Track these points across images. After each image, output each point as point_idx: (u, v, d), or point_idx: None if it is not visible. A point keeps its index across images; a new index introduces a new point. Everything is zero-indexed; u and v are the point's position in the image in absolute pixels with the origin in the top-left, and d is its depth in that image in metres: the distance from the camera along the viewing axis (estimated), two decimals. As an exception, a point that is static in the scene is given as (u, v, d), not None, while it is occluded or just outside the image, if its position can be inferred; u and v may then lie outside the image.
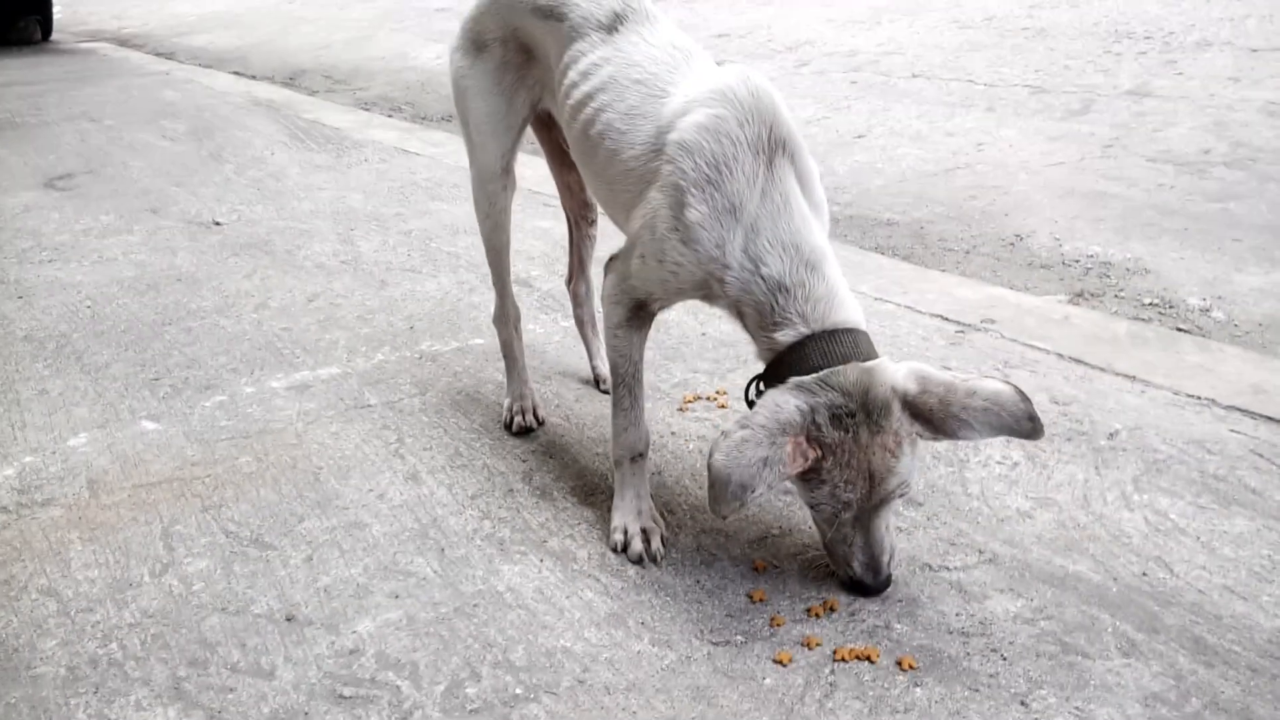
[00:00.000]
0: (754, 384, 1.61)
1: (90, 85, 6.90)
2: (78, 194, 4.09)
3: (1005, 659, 1.41)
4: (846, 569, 1.53)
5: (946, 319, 2.61)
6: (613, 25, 1.68)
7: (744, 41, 7.32)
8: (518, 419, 2.07)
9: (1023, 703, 1.33)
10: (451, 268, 3.11)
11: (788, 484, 1.51)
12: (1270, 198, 3.58)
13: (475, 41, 1.89)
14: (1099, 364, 2.32)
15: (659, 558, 1.65)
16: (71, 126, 5.54)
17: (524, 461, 1.97)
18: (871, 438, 1.42)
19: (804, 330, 1.47)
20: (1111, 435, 2.00)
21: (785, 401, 1.41)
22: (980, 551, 1.66)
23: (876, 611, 1.52)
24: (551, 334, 2.56)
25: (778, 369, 1.49)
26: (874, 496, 1.45)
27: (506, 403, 2.11)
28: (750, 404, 1.56)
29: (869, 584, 1.52)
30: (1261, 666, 1.38)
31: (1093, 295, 3.04)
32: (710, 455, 1.37)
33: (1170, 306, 2.92)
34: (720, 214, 1.46)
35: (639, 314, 1.62)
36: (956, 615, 1.51)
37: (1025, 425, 1.42)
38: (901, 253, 3.49)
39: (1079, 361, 2.34)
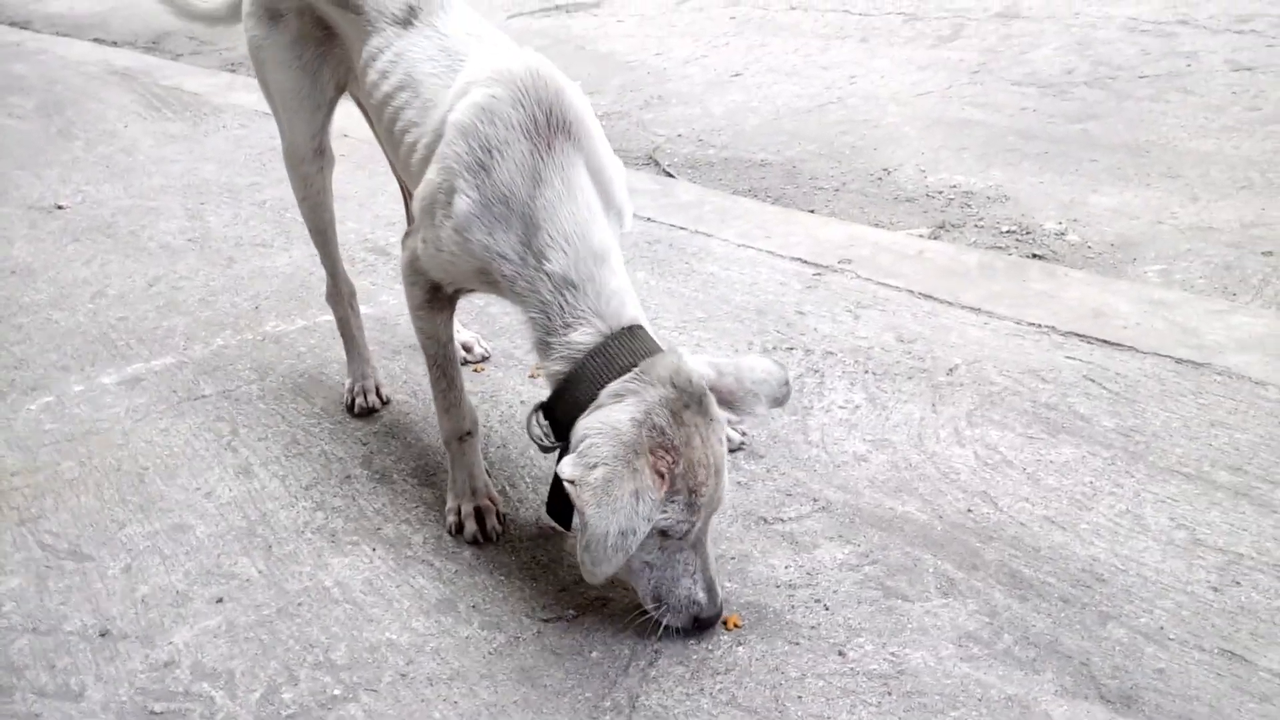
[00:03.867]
0: (535, 414, 1.45)
1: (-72, 61, 6.44)
2: (-93, 183, 3.83)
3: (828, 609, 1.42)
4: (690, 608, 1.36)
5: (806, 262, 2.61)
6: (407, 19, 1.60)
7: (624, -20, 7.15)
8: (359, 400, 2.00)
9: (840, 652, 1.35)
10: (305, 239, 2.96)
11: None
12: (1128, 116, 3.64)
13: (269, 9, 1.78)
14: (947, 298, 2.34)
15: (495, 536, 1.62)
16: (-95, 109, 5.17)
17: (364, 445, 1.91)
18: (708, 429, 1.32)
19: (602, 329, 1.37)
20: (951, 370, 2.02)
21: (617, 419, 1.28)
22: (815, 500, 1.66)
23: (708, 572, 1.51)
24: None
25: (578, 380, 1.36)
26: (717, 497, 1.33)
27: (348, 384, 2.04)
28: (537, 440, 1.44)
29: (711, 615, 1.37)
30: (1072, 596, 1.42)
31: (954, 226, 3.07)
32: (581, 514, 1.23)
33: (1027, 232, 2.96)
34: (492, 203, 1.38)
35: (436, 295, 1.56)
36: (785, 568, 1.52)
37: (786, 390, 1.44)
38: (774, 194, 3.47)
39: (928, 297, 2.36)
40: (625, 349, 1.36)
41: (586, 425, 1.30)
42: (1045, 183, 3.25)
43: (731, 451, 1.79)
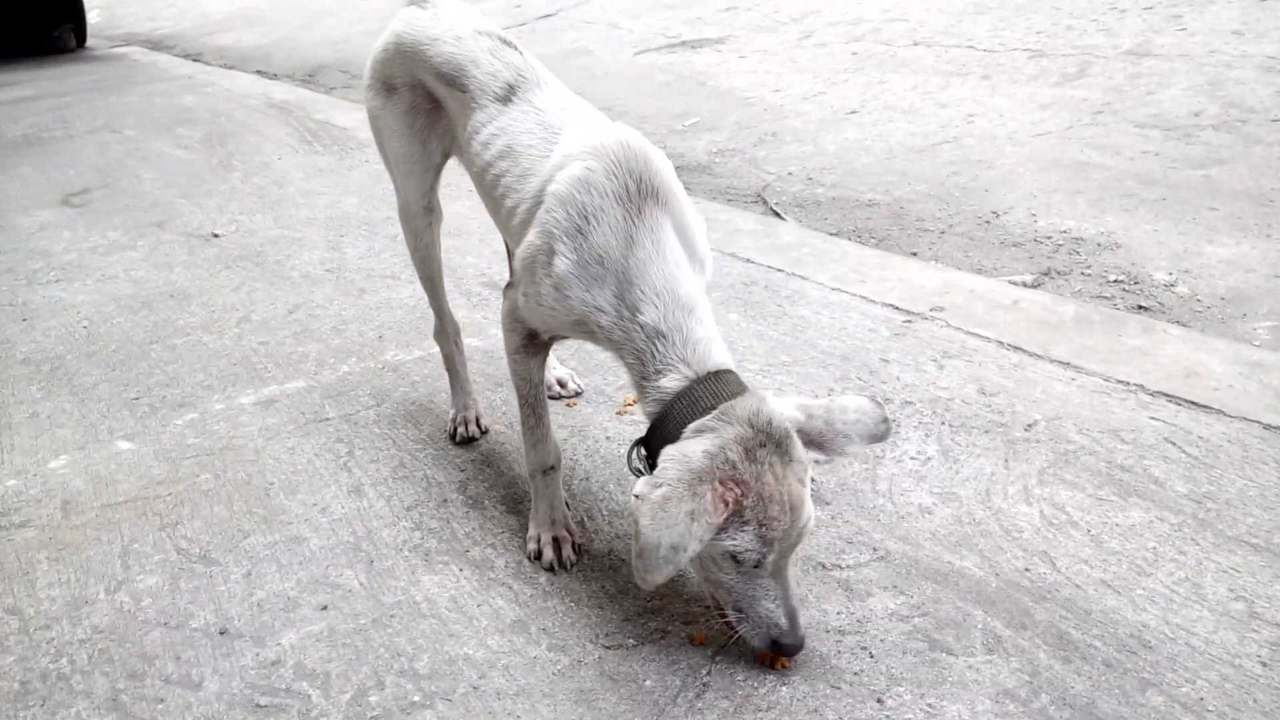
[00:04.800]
0: (635, 449, 1.59)
1: (116, 94, 7.14)
2: (91, 210, 4.29)
3: (873, 656, 1.49)
4: (769, 629, 1.43)
5: (897, 308, 2.66)
6: (507, 96, 1.77)
7: (750, 14, 7.28)
8: (460, 429, 2.18)
9: (879, 699, 1.41)
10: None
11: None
12: (1254, 162, 3.52)
13: (385, 83, 1.99)
14: (1036, 351, 2.35)
15: (570, 565, 1.75)
16: (94, 139, 5.75)
17: (462, 471, 2.08)
18: (785, 468, 1.41)
19: (689, 374, 1.50)
20: (1029, 426, 2.04)
21: (690, 450, 1.39)
22: (874, 549, 1.73)
23: (763, 613, 1.60)
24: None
25: (667, 420, 1.50)
26: (793, 533, 1.42)
27: (451, 414, 2.22)
28: (636, 471, 1.57)
29: (792, 643, 1.45)
30: (1115, 661, 1.44)
31: (1060, 274, 3.05)
32: (637, 524, 1.34)
33: (1135, 282, 2.92)
34: (588, 263, 1.53)
35: (533, 341, 1.71)
36: (837, 614, 1.59)
37: (884, 428, 1.51)
38: (878, 235, 3.52)
39: (1017, 349, 2.37)
40: (709, 391, 1.49)
41: (665, 454, 1.42)
42: (1159, 231, 3.18)
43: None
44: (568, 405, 2.30)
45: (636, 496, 1.36)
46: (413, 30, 1.92)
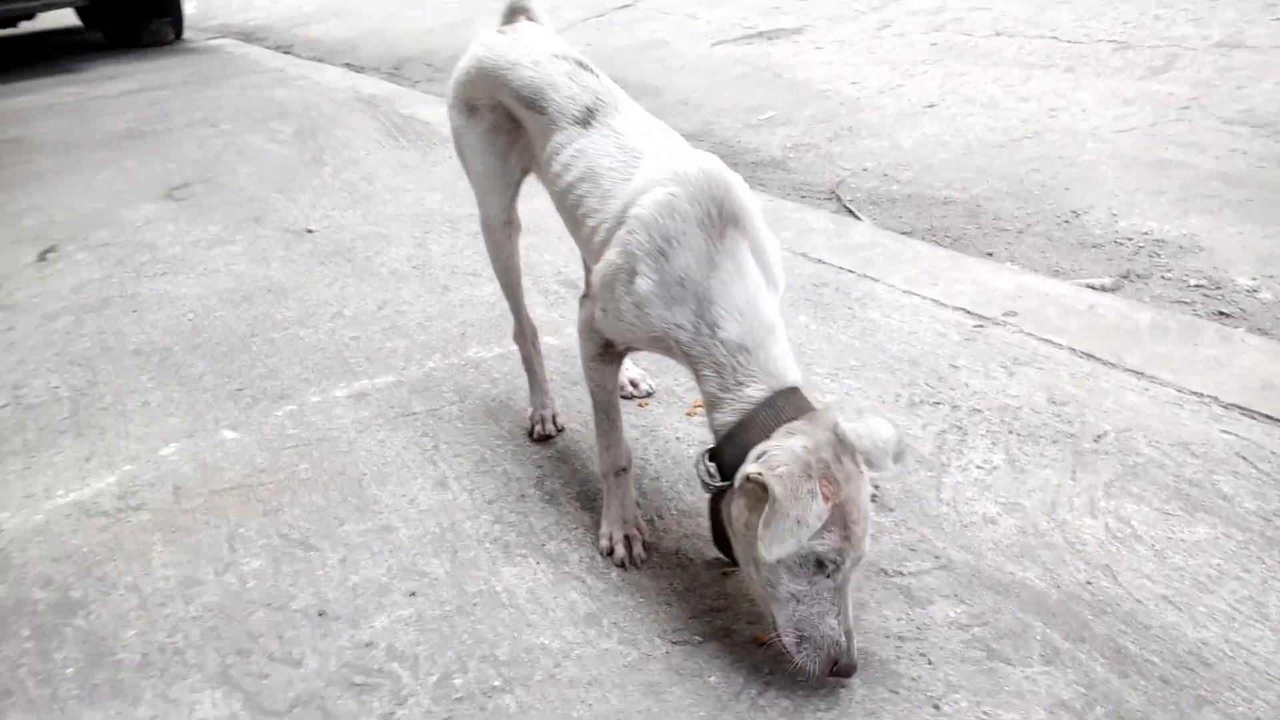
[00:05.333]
0: (704, 458, 1.64)
1: (212, 87, 7.44)
2: (192, 204, 4.52)
3: (931, 663, 1.55)
4: (832, 648, 1.46)
5: (969, 312, 2.68)
6: (586, 119, 1.85)
7: (828, 3, 7.23)
8: (538, 428, 2.29)
9: (935, 705, 1.47)
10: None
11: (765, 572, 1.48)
12: (1351, 161, 3.42)
13: (468, 104, 2.09)
14: (1110, 359, 2.35)
15: (640, 562, 1.84)
16: (192, 133, 6.03)
17: (539, 467, 2.19)
18: (860, 478, 1.49)
19: (774, 385, 1.58)
20: (1099, 437, 2.06)
21: (792, 444, 1.46)
22: (937, 558, 1.78)
23: (826, 615, 1.67)
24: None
25: (748, 426, 1.56)
26: (864, 542, 1.48)
27: (529, 412, 2.33)
28: (706, 485, 1.62)
29: (848, 663, 1.48)
30: (1173, 678, 1.47)
31: (1139, 277, 3.02)
32: (769, 491, 1.40)
33: (1217, 287, 2.88)
34: (669, 284, 1.61)
35: (608, 351, 1.80)
36: (898, 620, 1.65)
37: (903, 448, 1.58)
38: (953, 234, 3.52)
39: (1090, 356, 2.38)
40: (790, 404, 1.57)
41: (764, 446, 1.49)
42: (1245, 233, 3.12)
43: (866, 501, 1.92)
44: (639, 405, 2.38)
45: (756, 475, 1.42)
46: (493, 55, 2.01)
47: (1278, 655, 1.49)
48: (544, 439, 2.29)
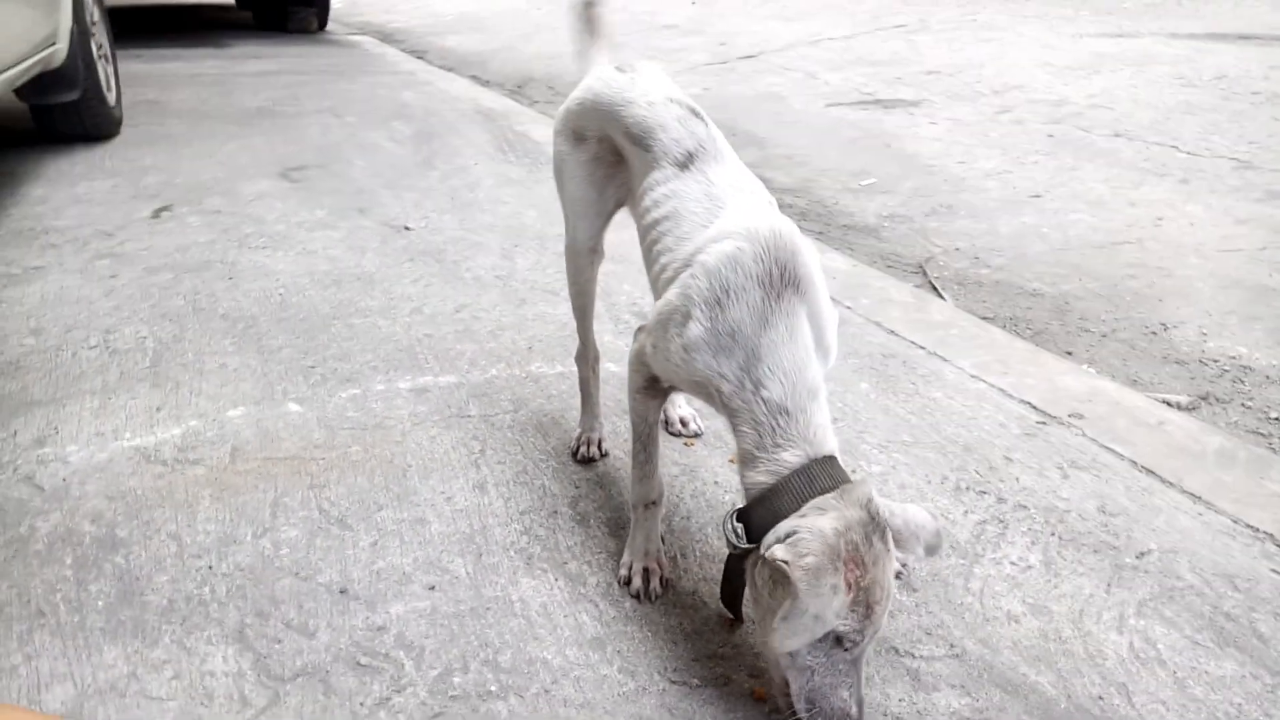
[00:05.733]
0: (732, 517, 1.64)
1: (345, 80, 7.78)
2: (304, 186, 4.73)
3: (924, 749, 1.53)
4: (842, 719, 1.48)
5: (1035, 407, 2.64)
6: (686, 163, 1.90)
7: (951, 80, 7.22)
8: (582, 449, 2.33)
9: (919, 791, 1.45)
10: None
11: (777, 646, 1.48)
12: None
13: (576, 132, 2.16)
14: (1170, 478, 2.29)
15: (655, 596, 1.87)
16: (318, 120, 6.31)
17: (577, 488, 2.23)
18: (887, 558, 1.48)
19: (810, 452, 1.58)
20: (1141, 555, 2.01)
21: (824, 527, 1.46)
22: (952, 646, 1.76)
23: (827, 681, 1.66)
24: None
25: (781, 492, 1.56)
26: (883, 620, 1.48)
27: (577, 433, 2.38)
28: (732, 545, 1.62)
29: None
30: (1171, 808, 1.43)
31: (1218, 400, 2.94)
32: (790, 587, 1.40)
33: (1299, 424, 2.78)
34: (720, 334, 1.63)
35: (654, 385, 1.84)
36: (899, 700, 1.63)
37: (937, 540, 1.55)
38: (1035, 327, 3.47)
39: (1150, 472, 2.32)
40: (825, 473, 1.57)
41: (794, 525, 1.49)
42: (1339, 374, 3.01)
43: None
44: (685, 445, 2.41)
45: (784, 562, 1.42)
46: (610, 91, 2.08)
47: (1286, 808, 1.43)
48: (587, 461, 2.33)
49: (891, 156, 5.60)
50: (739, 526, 1.62)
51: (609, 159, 2.12)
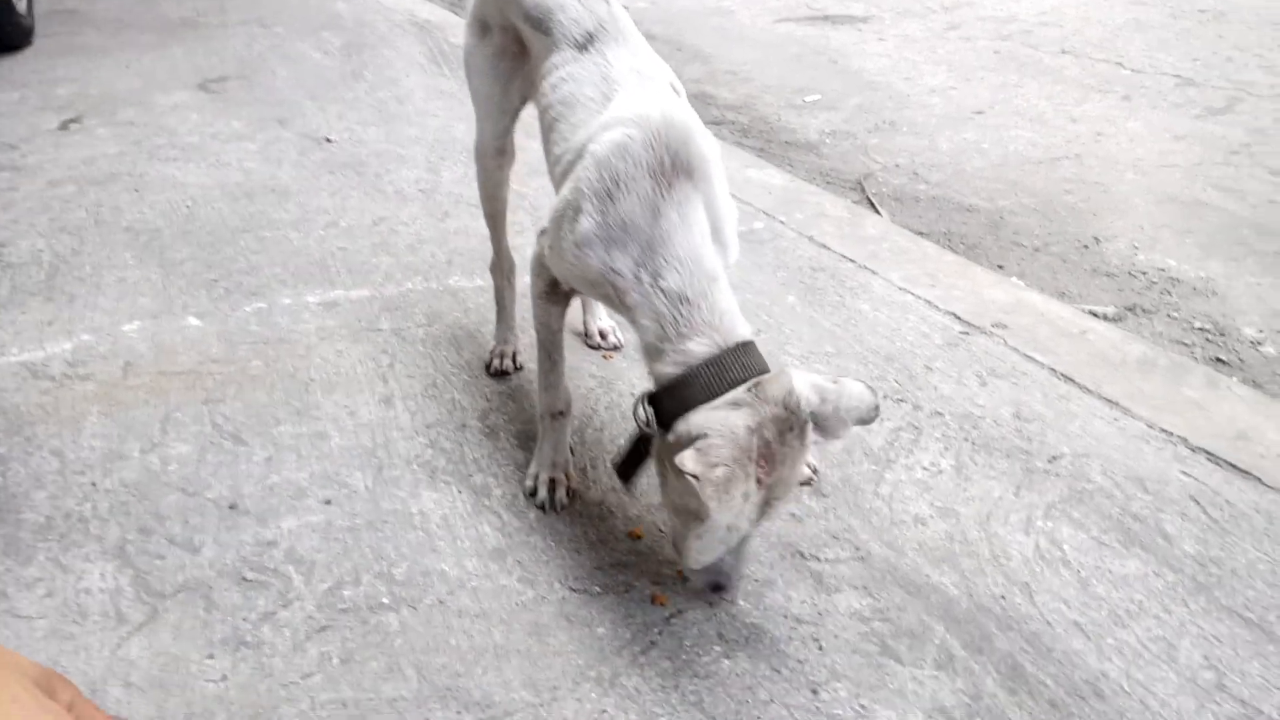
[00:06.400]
0: (644, 401, 1.59)
1: (274, -9, 7.41)
2: (223, 98, 4.51)
3: (821, 649, 1.51)
4: (718, 576, 1.51)
5: (959, 318, 2.60)
6: (585, 44, 1.79)
7: (902, -3, 7.06)
8: (496, 362, 2.26)
9: (814, 690, 1.44)
10: (514, 208, 3.29)
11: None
12: (1393, 229, 3.28)
13: (481, 23, 2.04)
14: (1088, 384, 2.28)
15: (561, 507, 1.82)
16: (244, 31, 6.01)
17: (488, 401, 2.16)
18: (800, 452, 1.45)
19: (719, 342, 1.51)
20: (1053, 459, 2.00)
21: (735, 423, 1.42)
22: (857, 549, 1.73)
23: (730, 587, 1.63)
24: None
25: (690, 384, 1.50)
26: (781, 509, 1.49)
27: (492, 345, 2.30)
28: (642, 426, 1.58)
29: (728, 585, 1.52)
30: (1062, 704, 1.42)
31: (1144, 311, 2.93)
32: (700, 504, 1.35)
33: (1221, 334, 2.78)
34: (612, 227, 1.55)
35: (555, 289, 1.76)
36: (801, 602, 1.61)
37: (874, 414, 1.49)
38: (969, 242, 3.44)
39: (1068, 379, 2.30)
40: (737, 363, 1.50)
41: (706, 423, 1.43)
42: (1263, 285, 3.01)
43: (802, 485, 1.88)
44: (605, 358, 2.35)
45: (694, 476, 1.36)
46: None
47: (1175, 698, 1.43)
48: (500, 374, 2.26)
49: (837, 73, 5.48)
50: (650, 411, 1.56)
51: (513, 50, 2.00)
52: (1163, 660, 1.50)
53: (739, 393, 1.46)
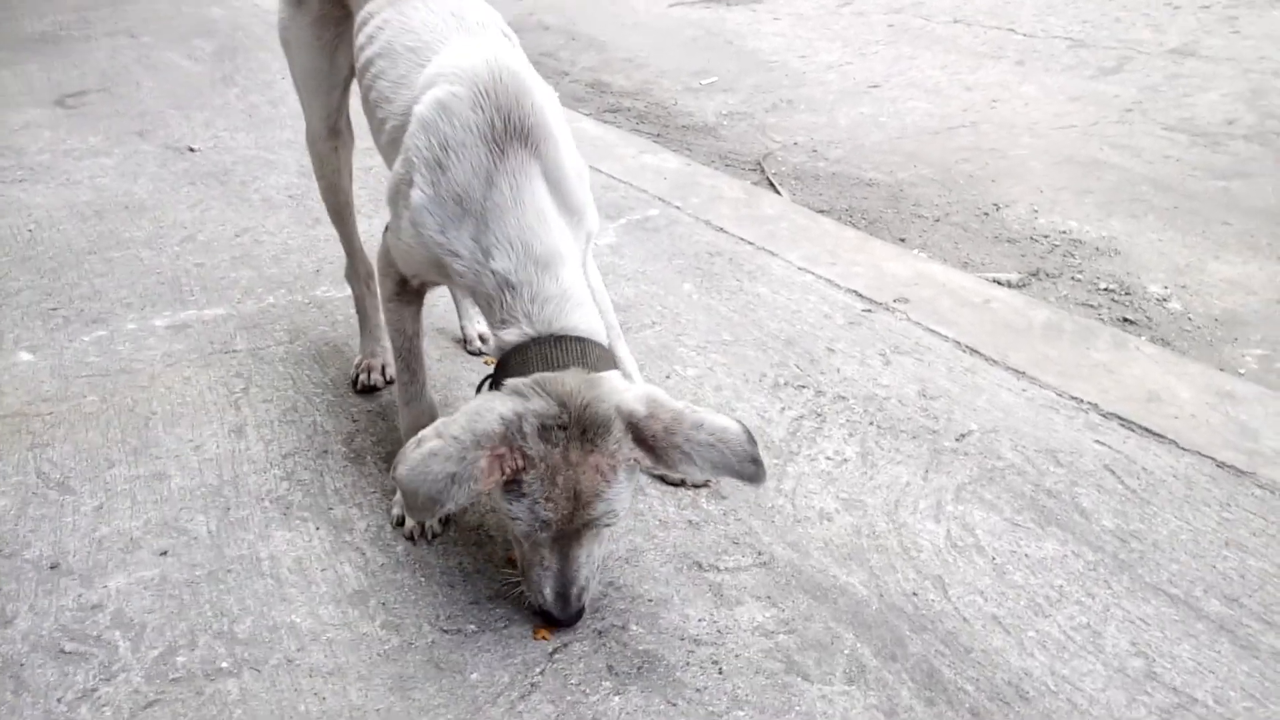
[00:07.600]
0: (484, 385, 1.47)
1: None
2: (80, 113, 4.19)
3: (721, 673, 1.36)
4: (537, 595, 1.40)
5: (860, 295, 2.48)
6: None
7: (794, -25, 6.99)
8: (362, 376, 2.06)
9: (712, 724, 1.28)
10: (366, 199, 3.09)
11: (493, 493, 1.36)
12: (1283, 177, 3.27)
13: (294, -10, 1.84)
14: (993, 355, 2.18)
15: (431, 536, 1.63)
16: (109, 42, 5.65)
17: (354, 421, 1.96)
18: (583, 456, 1.30)
19: (529, 332, 1.37)
20: (961, 437, 1.88)
21: (489, 409, 1.29)
22: (759, 554, 1.59)
23: (620, 610, 1.48)
24: (443, 290, 2.53)
25: (502, 371, 1.39)
26: (576, 520, 1.32)
27: (357, 359, 2.10)
28: None
29: (556, 615, 1.39)
30: (984, 711, 1.29)
31: (1048, 275, 2.85)
32: (395, 467, 1.27)
33: (1126, 293, 2.72)
34: (445, 201, 1.38)
35: (405, 288, 1.58)
36: (699, 621, 1.46)
37: (748, 468, 1.31)
38: (870, 216, 3.33)
39: (973, 351, 2.20)
40: (540, 355, 1.36)
41: (474, 405, 1.32)
42: (1164, 241, 2.96)
43: (695, 488, 1.73)
44: (486, 363, 2.16)
45: (416, 441, 1.28)
46: None
47: (1105, 692, 1.31)
48: (368, 390, 2.06)
49: (733, 54, 5.36)
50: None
51: (335, 15, 1.80)
52: (1088, 651, 1.38)
53: (520, 381, 1.32)
